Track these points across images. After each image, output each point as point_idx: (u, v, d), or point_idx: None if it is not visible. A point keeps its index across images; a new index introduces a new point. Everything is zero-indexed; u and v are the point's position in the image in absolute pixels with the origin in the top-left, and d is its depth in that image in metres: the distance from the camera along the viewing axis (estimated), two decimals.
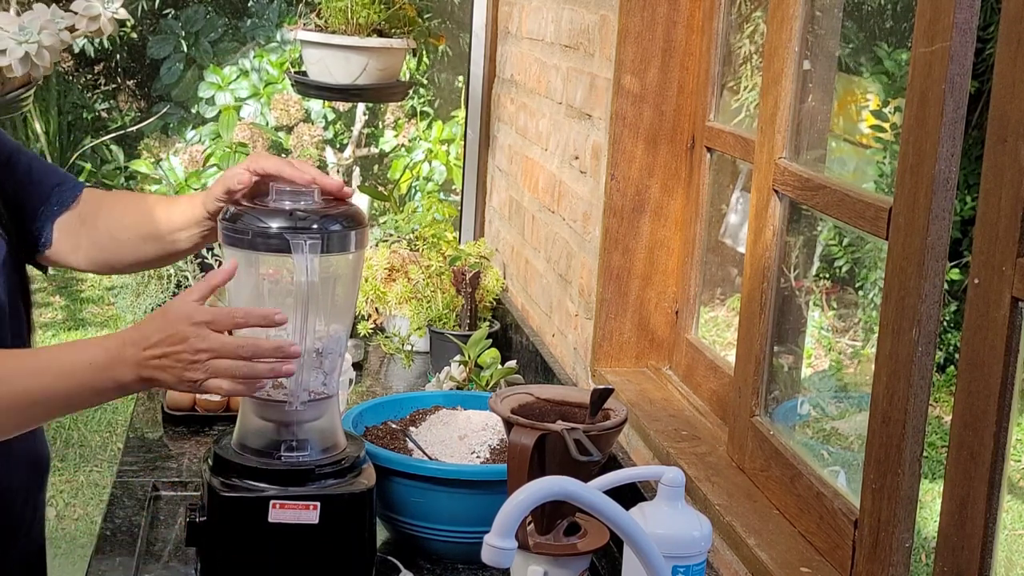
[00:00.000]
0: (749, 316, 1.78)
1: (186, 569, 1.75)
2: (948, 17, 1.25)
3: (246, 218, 1.56)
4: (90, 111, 7.60)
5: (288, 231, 1.53)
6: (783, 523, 1.61)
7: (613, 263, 2.14)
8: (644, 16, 2.05)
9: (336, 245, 1.57)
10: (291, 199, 1.58)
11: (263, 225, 1.55)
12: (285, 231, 1.54)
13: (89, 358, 1.41)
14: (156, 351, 1.42)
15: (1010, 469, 4.55)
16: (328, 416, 1.65)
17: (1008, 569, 4.44)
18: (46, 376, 1.40)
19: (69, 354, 1.43)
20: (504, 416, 1.58)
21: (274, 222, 1.54)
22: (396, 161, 6.45)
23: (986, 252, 1.16)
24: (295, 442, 1.62)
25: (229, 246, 1.58)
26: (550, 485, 1.18)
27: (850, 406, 3.14)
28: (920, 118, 1.30)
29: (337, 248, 1.57)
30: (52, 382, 1.40)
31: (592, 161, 2.24)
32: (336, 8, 2.70)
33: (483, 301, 2.74)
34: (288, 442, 1.62)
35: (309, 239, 1.52)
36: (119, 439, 4.85)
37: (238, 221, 1.57)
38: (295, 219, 1.54)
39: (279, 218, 1.55)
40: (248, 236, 1.55)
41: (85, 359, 1.41)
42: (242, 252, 1.56)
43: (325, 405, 1.63)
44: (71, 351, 1.44)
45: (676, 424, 1.93)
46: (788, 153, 1.72)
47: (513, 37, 2.99)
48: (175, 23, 7.24)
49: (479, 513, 1.66)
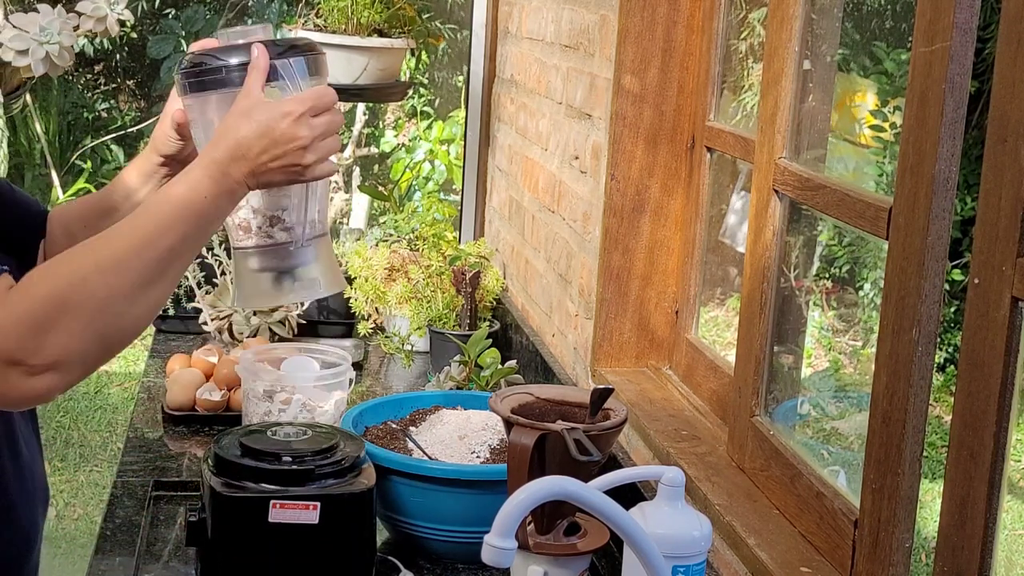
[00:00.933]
0: (749, 316, 1.78)
1: (186, 569, 1.75)
2: (948, 17, 1.25)
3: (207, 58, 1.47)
4: (90, 111, 7.60)
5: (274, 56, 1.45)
6: (783, 523, 1.61)
7: (613, 263, 2.14)
8: (644, 16, 2.05)
9: (314, 68, 1.49)
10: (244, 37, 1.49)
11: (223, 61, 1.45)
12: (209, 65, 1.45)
13: (201, 193, 1.37)
14: (265, 156, 1.39)
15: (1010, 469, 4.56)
16: (326, 254, 1.55)
17: (1008, 569, 4.44)
18: (170, 233, 1.35)
19: (178, 201, 1.37)
20: (504, 416, 1.58)
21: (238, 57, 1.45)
22: (396, 161, 6.45)
23: (986, 252, 1.16)
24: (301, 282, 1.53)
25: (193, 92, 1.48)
26: (550, 485, 1.18)
27: (850, 406, 3.14)
28: (920, 118, 1.30)
29: (314, 72, 1.49)
30: (179, 233, 1.36)
31: (592, 161, 2.24)
32: (336, 8, 2.70)
33: (483, 301, 2.74)
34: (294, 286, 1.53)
35: (293, 57, 1.45)
36: (119, 439, 4.85)
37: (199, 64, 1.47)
38: (270, 44, 1.46)
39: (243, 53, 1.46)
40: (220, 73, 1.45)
41: (197, 198, 1.37)
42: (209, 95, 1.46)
43: (323, 243, 1.55)
44: (180, 198, 1.37)
45: (676, 424, 1.93)
46: (788, 153, 1.72)
47: (513, 37, 2.99)
48: (175, 23, 7.24)
49: (479, 513, 1.66)
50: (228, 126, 1.40)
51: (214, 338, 2.72)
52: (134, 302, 1.32)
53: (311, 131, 1.40)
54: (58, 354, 1.27)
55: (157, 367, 2.57)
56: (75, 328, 1.28)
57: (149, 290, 1.34)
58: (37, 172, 6.81)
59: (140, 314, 1.34)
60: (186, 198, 1.37)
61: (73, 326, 1.27)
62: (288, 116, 1.39)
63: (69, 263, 1.33)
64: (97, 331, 1.30)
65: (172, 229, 1.35)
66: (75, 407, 5.24)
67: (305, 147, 1.40)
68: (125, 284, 1.32)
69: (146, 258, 1.33)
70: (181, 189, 1.38)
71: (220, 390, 2.30)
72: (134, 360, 5.55)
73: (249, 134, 1.38)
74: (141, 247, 1.33)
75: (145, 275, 1.33)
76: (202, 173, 1.38)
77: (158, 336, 2.81)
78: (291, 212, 1.50)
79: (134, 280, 1.32)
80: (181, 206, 1.36)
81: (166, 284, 1.37)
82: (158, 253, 1.34)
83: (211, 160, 1.38)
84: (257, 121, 1.38)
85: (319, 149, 1.41)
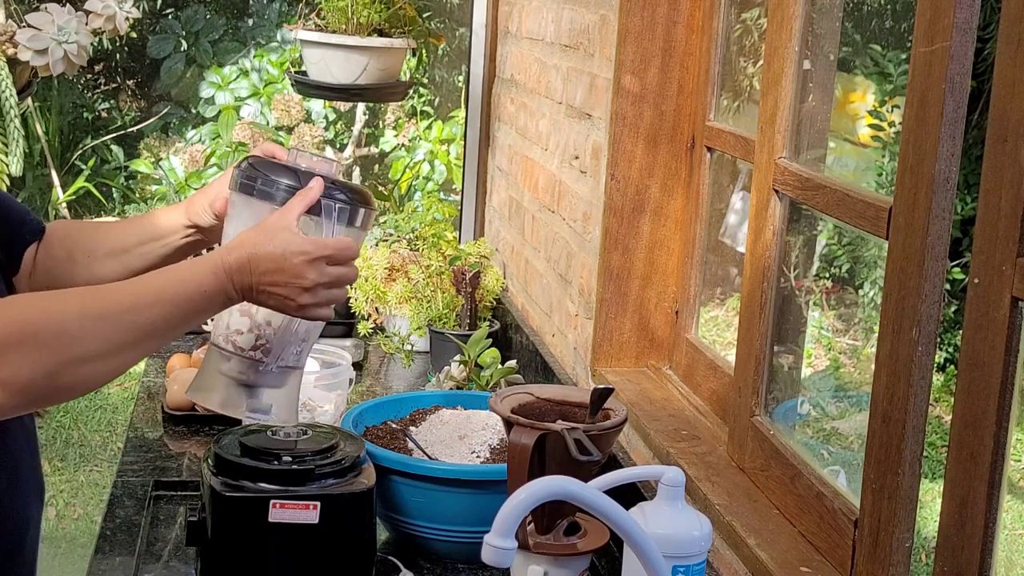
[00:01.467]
0: (749, 316, 1.78)
1: (186, 569, 1.75)
2: (948, 17, 1.25)
3: (268, 169, 1.53)
4: (90, 111, 7.60)
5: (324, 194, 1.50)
6: (783, 523, 1.61)
7: (613, 263, 2.14)
8: (644, 16, 2.05)
9: (358, 220, 1.54)
10: (308, 165, 1.55)
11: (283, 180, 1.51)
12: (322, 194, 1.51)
13: (199, 286, 1.41)
14: (267, 279, 1.43)
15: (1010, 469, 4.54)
16: (290, 387, 1.59)
17: (1008, 569, 4.44)
18: (157, 307, 1.39)
19: (177, 283, 1.42)
20: (504, 416, 1.58)
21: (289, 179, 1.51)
22: (396, 161, 6.45)
23: (986, 252, 1.16)
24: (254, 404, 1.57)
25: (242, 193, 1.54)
26: (550, 485, 1.18)
27: (850, 406, 3.14)
28: (920, 118, 1.30)
29: (359, 223, 1.54)
30: (165, 311, 1.40)
31: (592, 161, 2.24)
32: (336, 8, 2.70)
33: (483, 301, 2.74)
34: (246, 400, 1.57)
35: (339, 204, 1.51)
36: (119, 439, 4.85)
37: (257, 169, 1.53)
38: (327, 182, 1.51)
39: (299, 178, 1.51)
40: (272, 189, 1.51)
41: (194, 287, 1.41)
42: (254, 201, 1.52)
43: (292, 375, 1.59)
44: (180, 281, 1.42)
45: (676, 424, 1.93)
46: (788, 153, 1.72)
47: (513, 37, 2.99)
48: (175, 23, 7.24)
49: (479, 513, 1.66)
50: (250, 237, 1.46)
51: None
52: (98, 357, 1.36)
53: (319, 276, 1.45)
54: (6, 375, 1.28)
55: (157, 367, 2.57)
56: (32, 357, 1.30)
57: (118, 352, 1.37)
58: (37, 172, 6.81)
59: (98, 371, 1.37)
60: (185, 283, 1.42)
61: (32, 355, 1.30)
62: (304, 255, 1.44)
63: (55, 300, 1.37)
64: (51, 368, 1.31)
65: (161, 305, 1.39)
66: (75, 407, 5.24)
67: (307, 288, 1.45)
68: (98, 337, 1.35)
69: (127, 321, 1.37)
70: (184, 274, 1.43)
71: None
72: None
73: (263, 254, 1.44)
74: (127, 309, 1.37)
75: (119, 337, 1.37)
76: (209, 269, 1.43)
77: None
78: (276, 336, 1.55)
79: (108, 336, 1.36)
80: (178, 288, 1.41)
81: (135, 354, 1.41)
82: (139, 322, 1.38)
83: (222, 261, 1.43)
84: (275, 245, 1.44)
85: (320, 295, 1.46)
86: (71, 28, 1.93)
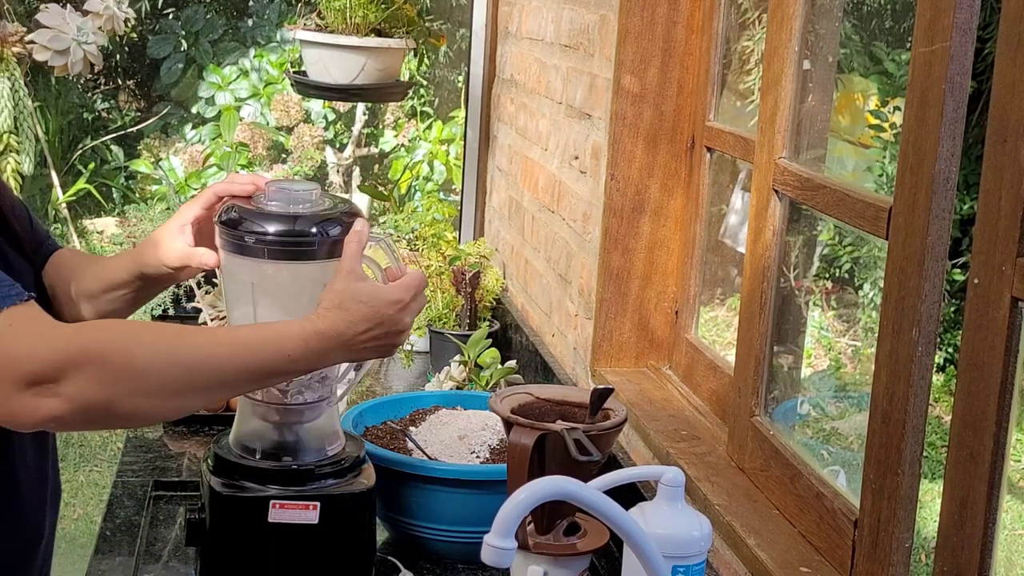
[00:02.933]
0: (749, 316, 1.78)
1: (186, 569, 1.75)
2: (948, 17, 1.25)
3: (253, 222, 1.51)
4: (90, 111, 7.60)
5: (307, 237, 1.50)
6: (783, 523, 1.61)
7: (613, 263, 2.14)
8: (644, 16, 2.05)
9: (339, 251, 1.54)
10: (292, 203, 1.53)
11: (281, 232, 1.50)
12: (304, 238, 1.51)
13: (289, 351, 1.39)
14: (365, 336, 1.43)
15: (1010, 469, 4.54)
16: (327, 416, 1.64)
17: (1008, 569, 4.44)
18: (242, 362, 1.38)
19: (268, 343, 1.39)
20: (504, 416, 1.58)
21: (271, 226, 1.50)
22: (396, 161, 6.45)
23: (986, 252, 1.16)
24: (294, 442, 1.61)
25: (234, 253, 1.53)
26: (550, 485, 1.18)
27: (850, 406, 3.14)
28: (920, 118, 1.30)
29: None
30: (246, 367, 1.38)
31: (592, 161, 2.24)
32: (335, 8, 2.70)
33: (483, 301, 2.74)
34: (286, 442, 1.61)
35: (385, 232, 1.52)
36: (119, 439, 4.84)
37: (239, 226, 1.52)
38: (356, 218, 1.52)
39: (292, 223, 1.51)
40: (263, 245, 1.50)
41: (283, 353, 1.39)
42: (250, 260, 1.52)
43: (323, 406, 1.63)
44: (271, 342, 1.39)
45: (676, 424, 1.93)
46: (788, 153, 1.72)
47: (513, 37, 2.99)
48: (175, 23, 7.24)
49: (479, 513, 1.66)
50: (337, 304, 1.42)
51: None
52: (159, 395, 1.33)
53: (412, 316, 1.47)
54: (72, 391, 1.27)
55: None
56: (98, 379, 1.28)
57: (181, 395, 1.35)
58: (37, 172, 6.81)
59: (157, 408, 1.35)
60: (270, 346, 1.39)
61: (98, 376, 1.28)
62: (397, 304, 1.45)
63: (131, 330, 1.36)
64: (112, 395, 1.30)
65: (240, 360, 1.37)
66: None
67: (404, 331, 1.47)
68: (165, 379, 1.33)
69: (200, 370, 1.35)
70: (272, 335, 1.40)
71: None
72: None
73: (358, 317, 1.42)
74: (203, 358, 1.35)
75: (188, 383, 1.35)
76: (300, 335, 1.40)
77: None
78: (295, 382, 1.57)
79: (175, 378, 1.33)
80: (260, 349, 1.39)
81: (199, 401, 1.39)
82: (212, 373, 1.36)
83: (315, 331, 1.40)
84: (368, 305, 1.43)
85: (408, 331, 1.49)
86: (88, 29, 1.94)
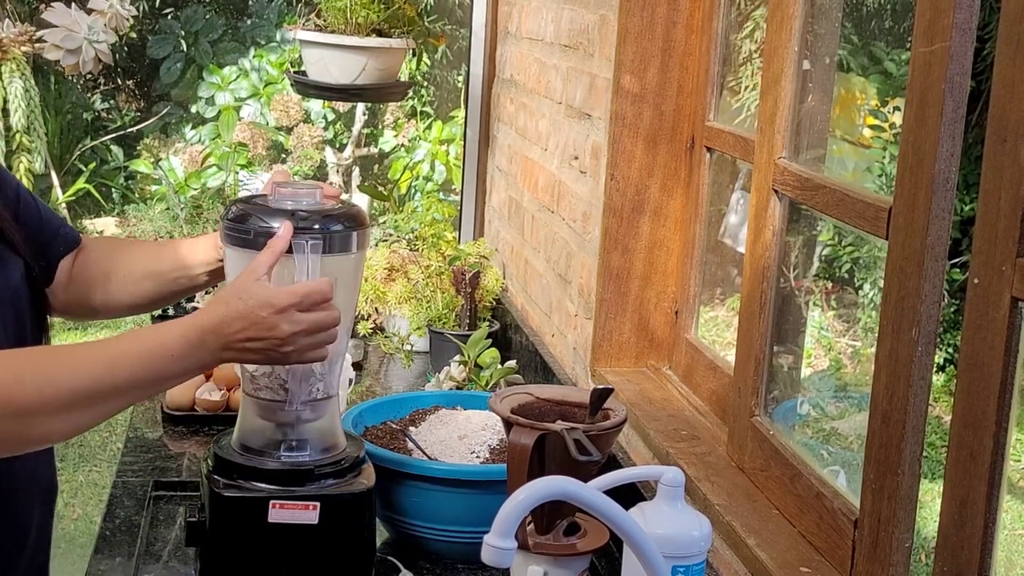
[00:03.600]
0: (749, 316, 1.78)
1: (186, 569, 1.75)
2: (948, 17, 1.25)
3: (249, 218, 1.56)
4: (90, 111, 7.60)
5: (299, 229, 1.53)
6: (783, 523, 1.61)
7: (613, 263, 2.14)
8: (644, 16, 2.05)
9: (338, 246, 1.56)
10: (292, 199, 1.58)
11: (265, 225, 1.54)
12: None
13: (172, 350, 1.40)
14: (240, 336, 1.42)
15: (1010, 469, 4.53)
16: (328, 416, 1.65)
17: (1008, 569, 4.44)
18: (125, 369, 1.39)
19: (147, 344, 1.41)
20: (504, 416, 1.58)
21: (276, 221, 1.54)
22: (396, 161, 6.45)
23: (986, 252, 1.16)
24: (295, 442, 1.62)
25: (231, 245, 1.58)
26: (550, 485, 1.18)
27: (850, 406, 3.14)
28: (920, 118, 1.30)
29: (339, 249, 1.57)
30: (134, 373, 1.39)
31: (592, 161, 2.24)
32: (335, 8, 2.70)
33: (483, 301, 2.74)
34: (288, 442, 1.62)
35: (311, 239, 1.52)
36: (119, 439, 4.84)
37: (240, 220, 1.56)
38: (297, 219, 1.54)
39: (281, 217, 1.54)
40: (250, 236, 1.54)
41: (167, 351, 1.40)
42: (243, 251, 1.56)
43: (325, 406, 1.64)
44: (149, 343, 1.41)
45: (676, 424, 1.93)
46: (788, 153, 1.72)
47: (513, 37, 2.99)
48: (175, 23, 7.24)
49: (479, 513, 1.66)
50: (223, 298, 1.45)
51: None
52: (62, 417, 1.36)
53: (292, 326, 1.43)
54: None
55: None
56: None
57: (84, 410, 1.37)
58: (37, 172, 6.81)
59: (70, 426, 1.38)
60: (156, 347, 1.41)
61: None
62: (270, 307, 1.43)
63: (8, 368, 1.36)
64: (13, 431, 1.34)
65: (127, 368, 1.38)
66: None
67: (283, 339, 1.43)
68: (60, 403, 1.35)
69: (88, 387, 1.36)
70: (156, 337, 1.42)
71: (220, 390, 2.30)
72: None
73: (233, 313, 1.42)
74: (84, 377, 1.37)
75: (88, 398, 1.37)
76: (181, 332, 1.42)
77: None
78: (290, 377, 1.58)
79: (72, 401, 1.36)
80: (145, 352, 1.40)
81: (94, 415, 1.40)
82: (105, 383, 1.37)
83: (195, 324, 1.42)
84: (243, 302, 1.43)
85: (300, 343, 1.45)
86: (98, 27, 1.95)
